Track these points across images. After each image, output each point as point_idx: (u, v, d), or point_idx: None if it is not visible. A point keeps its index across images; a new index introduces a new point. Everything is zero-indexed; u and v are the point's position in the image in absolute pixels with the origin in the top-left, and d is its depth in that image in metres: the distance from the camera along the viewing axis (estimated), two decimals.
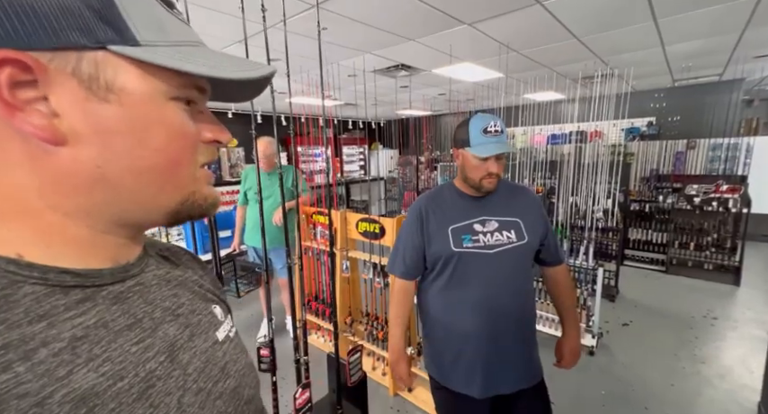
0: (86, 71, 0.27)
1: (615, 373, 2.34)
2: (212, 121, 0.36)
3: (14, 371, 0.24)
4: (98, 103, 0.28)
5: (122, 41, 0.28)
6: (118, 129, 0.29)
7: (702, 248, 3.89)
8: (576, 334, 1.23)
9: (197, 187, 0.35)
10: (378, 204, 7.33)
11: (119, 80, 0.28)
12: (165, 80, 0.30)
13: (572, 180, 3.25)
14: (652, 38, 3.01)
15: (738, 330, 2.81)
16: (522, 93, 4.93)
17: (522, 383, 1.11)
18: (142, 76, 0.29)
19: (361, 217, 2.23)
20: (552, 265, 1.23)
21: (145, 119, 0.30)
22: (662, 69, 4.29)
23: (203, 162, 0.36)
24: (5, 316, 0.25)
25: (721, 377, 2.26)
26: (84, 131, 0.28)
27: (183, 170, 0.33)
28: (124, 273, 0.34)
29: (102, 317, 0.30)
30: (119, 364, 0.29)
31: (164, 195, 0.33)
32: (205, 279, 0.47)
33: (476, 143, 1.05)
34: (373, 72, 3.88)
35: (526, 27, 2.64)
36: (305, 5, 2.12)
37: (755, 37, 3.08)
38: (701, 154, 4.78)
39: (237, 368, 0.41)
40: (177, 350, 0.35)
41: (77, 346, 0.28)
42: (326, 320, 2.55)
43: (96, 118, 0.28)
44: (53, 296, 0.28)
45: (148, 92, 0.29)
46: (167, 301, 0.37)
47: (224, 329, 0.43)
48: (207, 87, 0.35)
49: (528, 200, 1.17)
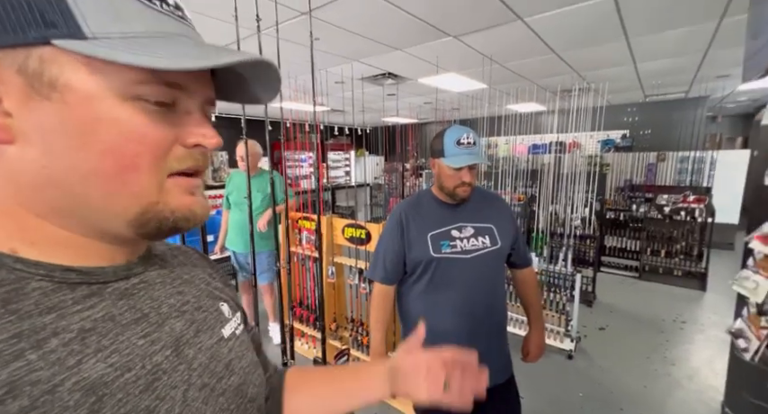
0: (31, 68, 0.26)
1: (592, 376, 2.42)
2: (199, 123, 0.32)
3: (27, 359, 0.25)
4: (40, 101, 0.26)
5: (68, 35, 0.25)
6: (60, 129, 0.27)
7: (672, 256, 4.09)
8: (541, 330, 1.30)
9: (162, 198, 0.31)
10: (364, 210, 7.34)
11: (63, 77, 0.26)
12: (119, 76, 0.27)
13: (552, 189, 3.37)
14: (624, 55, 3.20)
15: (705, 333, 2.96)
16: (504, 103, 5.09)
17: (498, 378, 1.16)
18: (90, 72, 0.27)
19: (348, 222, 2.24)
20: (521, 268, 1.31)
21: (89, 119, 0.27)
22: (634, 85, 4.54)
23: (178, 169, 0.32)
24: (17, 307, 0.26)
25: (689, 378, 2.38)
26: (28, 131, 0.27)
27: (141, 177, 0.29)
28: (127, 271, 0.35)
29: (109, 311, 0.31)
30: (126, 355, 0.30)
31: (117, 203, 0.30)
32: (214, 277, 0.48)
33: (450, 154, 1.09)
34: (361, 80, 3.93)
35: (509, 41, 2.75)
36: (294, 13, 2.15)
37: (717, 58, 3.32)
38: (671, 166, 5.05)
39: (242, 365, 0.41)
40: (183, 345, 0.35)
41: (86, 337, 0.28)
42: (311, 327, 2.53)
43: (38, 117, 0.26)
44: (60, 291, 0.29)
45: (96, 89, 0.27)
46: (172, 298, 0.38)
47: (230, 327, 0.43)
48: (189, 85, 0.31)
49: (500, 207, 1.24)
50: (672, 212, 4.04)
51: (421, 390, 0.49)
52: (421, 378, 0.50)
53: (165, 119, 0.30)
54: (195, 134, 0.32)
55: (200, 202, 0.34)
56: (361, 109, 4.75)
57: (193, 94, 0.32)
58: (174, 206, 0.32)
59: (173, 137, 0.31)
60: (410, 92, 4.72)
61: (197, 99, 0.33)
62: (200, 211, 0.34)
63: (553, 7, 2.15)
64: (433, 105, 5.56)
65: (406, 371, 0.51)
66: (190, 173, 0.33)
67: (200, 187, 0.35)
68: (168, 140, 0.31)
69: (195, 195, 0.34)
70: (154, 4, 0.29)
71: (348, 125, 7.92)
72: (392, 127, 7.92)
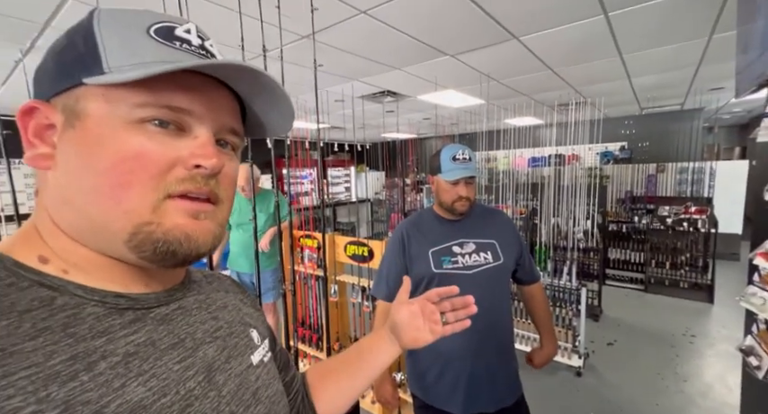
0: (69, 106, 0.31)
1: (602, 394, 2.35)
2: (200, 144, 0.33)
3: (80, 379, 0.27)
4: (67, 130, 0.31)
5: (93, 73, 0.30)
6: (75, 151, 0.31)
7: (677, 267, 4.05)
8: (553, 346, 1.28)
9: (156, 218, 0.31)
10: (364, 226, 7.32)
11: (86, 108, 0.30)
12: (125, 102, 0.30)
13: (553, 202, 3.37)
14: (619, 71, 3.26)
15: (715, 348, 2.89)
16: (502, 118, 5.16)
17: (505, 401, 1.13)
18: (105, 101, 0.30)
19: (350, 240, 2.24)
20: (529, 284, 1.29)
21: (95, 140, 0.30)
22: (630, 98, 4.61)
23: (179, 190, 0.32)
24: (74, 330, 0.29)
25: (703, 395, 2.31)
26: (59, 157, 0.31)
27: (133, 195, 0.30)
28: (168, 297, 0.37)
29: (150, 336, 0.33)
30: (163, 380, 0.31)
31: (113, 222, 0.30)
32: (245, 303, 0.49)
33: (446, 169, 1.14)
34: (360, 98, 4.01)
35: (505, 59, 2.82)
36: (295, 36, 2.21)
37: (709, 72, 3.38)
38: (671, 177, 5.07)
39: (269, 394, 0.42)
40: (214, 371, 0.36)
41: (130, 361, 0.30)
42: (313, 347, 2.48)
43: (65, 143, 0.31)
44: (111, 316, 0.31)
45: (106, 115, 0.30)
46: (207, 323, 0.39)
47: (259, 353, 0.44)
48: (194, 109, 0.32)
49: (502, 222, 1.25)
50: (674, 223, 4.03)
51: (424, 332, 0.56)
52: (420, 322, 0.57)
53: (167, 140, 0.31)
54: (195, 155, 0.32)
55: (202, 227, 0.33)
56: (360, 126, 4.82)
57: (202, 119, 0.33)
58: (167, 227, 0.31)
59: (172, 157, 0.31)
60: (409, 108, 4.80)
61: (207, 124, 0.33)
62: (200, 236, 0.33)
63: (547, 26, 2.21)
64: (432, 121, 5.64)
65: (404, 322, 0.57)
66: (196, 197, 0.33)
67: (211, 214, 0.34)
68: (166, 160, 0.31)
69: (198, 220, 0.33)
70: (173, 44, 0.32)
71: (348, 141, 8.01)
72: (392, 142, 8.01)
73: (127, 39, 0.31)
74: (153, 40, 0.31)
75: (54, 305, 0.29)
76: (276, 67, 1.73)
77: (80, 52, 0.31)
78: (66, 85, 0.31)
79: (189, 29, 0.34)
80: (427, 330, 0.56)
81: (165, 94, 0.31)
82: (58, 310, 0.29)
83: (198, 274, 0.46)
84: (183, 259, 0.33)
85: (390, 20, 2.04)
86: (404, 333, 0.56)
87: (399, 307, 0.58)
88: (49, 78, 0.32)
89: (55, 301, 0.29)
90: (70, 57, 0.31)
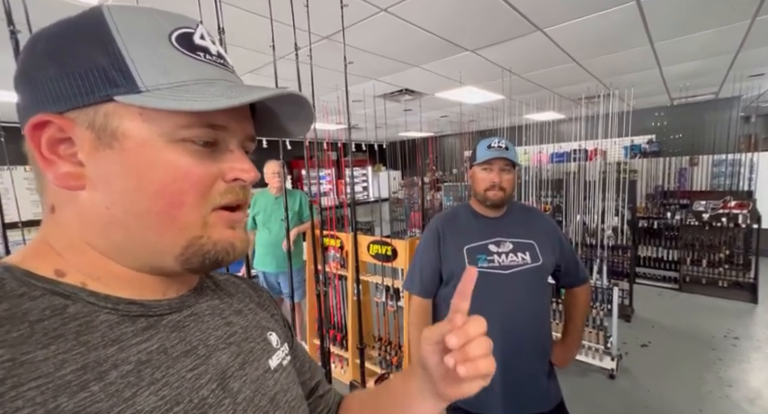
0: (98, 123, 0.29)
1: (638, 398, 2.25)
2: (238, 159, 0.34)
3: (90, 390, 0.26)
4: (104, 150, 0.30)
5: (127, 91, 0.29)
6: (119, 172, 0.30)
7: (715, 265, 3.82)
8: (571, 347, 1.25)
9: (206, 232, 0.33)
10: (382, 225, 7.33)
11: (122, 127, 0.29)
12: (168, 122, 0.30)
13: (578, 198, 3.25)
14: (649, 60, 3.11)
15: (762, 351, 2.71)
16: (523, 113, 5.04)
17: (542, 406, 1.08)
18: (144, 120, 0.30)
19: (373, 239, 2.23)
20: (574, 286, 1.24)
21: (143, 162, 0.30)
22: (659, 89, 4.39)
23: (222, 204, 0.33)
24: (86, 338, 0.28)
25: (751, 401, 2.17)
26: (95, 177, 0.30)
27: (187, 213, 0.32)
28: (180, 304, 0.36)
29: (162, 344, 0.33)
30: (175, 389, 0.31)
31: (167, 239, 0.32)
32: (263, 306, 0.48)
33: (480, 157, 1.13)
34: (380, 97, 4.00)
35: (527, 52, 2.74)
36: (316, 37, 2.22)
37: (749, 58, 3.17)
38: (705, 170, 4.80)
39: (288, 399, 0.40)
40: (228, 378, 0.35)
41: (142, 369, 0.30)
42: (338, 346, 2.49)
43: (103, 164, 0.30)
44: (123, 324, 0.31)
45: (147, 136, 0.30)
46: (220, 329, 0.38)
47: (278, 357, 0.43)
48: (229, 124, 0.33)
49: (543, 222, 1.20)
50: (711, 219, 3.81)
51: (461, 384, 0.38)
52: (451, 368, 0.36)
53: (209, 157, 0.32)
54: (235, 169, 0.34)
55: (240, 236, 0.36)
56: (377, 125, 4.82)
57: (234, 133, 0.34)
58: (216, 239, 0.33)
59: (215, 173, 0.33)
60: (426, 106, 4.75)
61: (237, 137, 0.35)
62: (239, 245, 0.36)
63: (574, 16, 2.13)
64: (450, 118, 5.57)
65: (431, 367, 0.39)
66: (232, 207, 0.35)
67: (242, 222, 0.36)
68: (211, 177, 0.33)
69: (235, 230, 0.35)
70: (198, 56, 0.32)
71: (365, 141, 8.02)
72: (410, 141, 7.97)
73: (154, 50, 0.30)
74: (179, 52, 0.31)
75: (66, 313, 0.29)
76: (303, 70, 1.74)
77: (100, 63, 0.28)
78: (89, 100, 0.29)
79: (203, 34, 0.33)
80: (464, 386, 0.38)
81: (206, 113, 0.30)
82: (71, 319, 0.28)
83: (213, 279, 0.45)
84: (224, 266, 0.35)
85: (410, 16, 2.02)
86: (440, 387, 0.40)
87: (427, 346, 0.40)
88: (56, 88, 0.29)
89: (67, 310, 0.29)
90: (87, 66, 0.28)
